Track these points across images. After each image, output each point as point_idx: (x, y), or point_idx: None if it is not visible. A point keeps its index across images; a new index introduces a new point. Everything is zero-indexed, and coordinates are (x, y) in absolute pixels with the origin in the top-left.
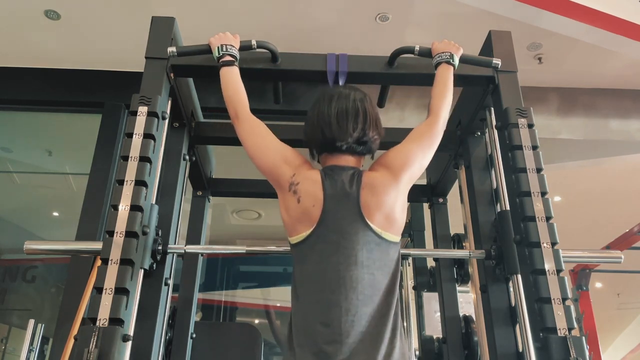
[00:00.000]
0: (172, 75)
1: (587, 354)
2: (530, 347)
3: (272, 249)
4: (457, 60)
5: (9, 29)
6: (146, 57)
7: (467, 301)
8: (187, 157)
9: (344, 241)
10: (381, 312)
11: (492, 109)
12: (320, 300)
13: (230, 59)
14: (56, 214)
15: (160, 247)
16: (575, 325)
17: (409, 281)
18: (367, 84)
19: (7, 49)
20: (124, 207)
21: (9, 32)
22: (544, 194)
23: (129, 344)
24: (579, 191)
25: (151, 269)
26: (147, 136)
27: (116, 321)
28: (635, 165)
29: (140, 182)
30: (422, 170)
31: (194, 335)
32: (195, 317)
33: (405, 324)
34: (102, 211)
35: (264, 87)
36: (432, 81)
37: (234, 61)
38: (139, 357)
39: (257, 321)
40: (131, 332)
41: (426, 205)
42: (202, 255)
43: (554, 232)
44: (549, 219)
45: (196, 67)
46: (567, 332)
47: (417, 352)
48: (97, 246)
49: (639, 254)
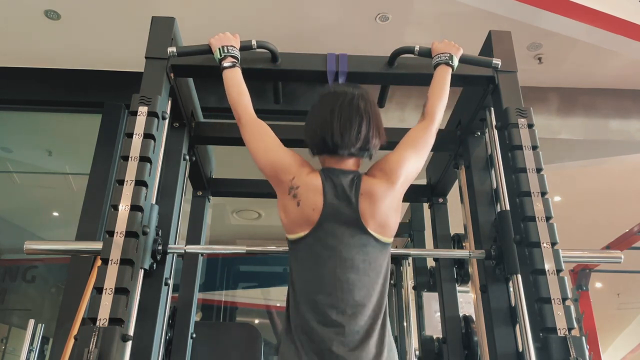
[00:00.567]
0: (172, 75)
1: (587, 354)
2: (530, 347)
3: (272, 249)
4: (456, 61)
5: (9, 29)
6: (146, 57)
7: (467, 301)
8: (187, 157)
9: (341, 245)
10: (374, 310)
11: (492, 109)
12: (317, 301)
13: (232, 60)
14: (56, 214)
15: (160, 247)
16: (575, 325)
17: (409, 281)
18: (367, 84)
19: (7, 49)
20: (124, 207)
21: (9, 32)
22: (544, 194)
23: (129, 344)
24: (579, 191)
25: (151, 269)
26: (147, 136)
27: (116, 321)
28: (635, 165)
29: (140, 182)
30: (417, 172)
31: (194, 335)
32: (195, 317)
33: (405, 324)
34: (102, 211)
35: (264, 87)
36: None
37: (236, 63)
38: (139, 357)
39: (257, 321)
40: (131, 332)
41: (426, 205)
42: (202, 255)
43: (554, 232)
44: (549, 219)
45: (196, 67)
46: (567, 332)
47: (417, 352)
48: (97, 246)
49: (639, 254)
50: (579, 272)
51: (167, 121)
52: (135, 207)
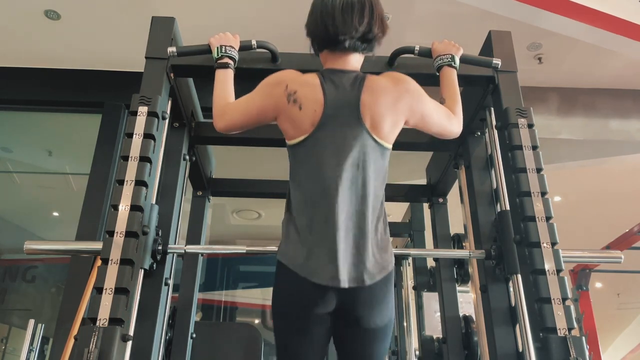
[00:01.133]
0: (172, 75)
1: (587, 354)
2: (530, 347)
3: (272, 249)
4: (458, 61)
5: (9, 29)
6: (146, 57)
7: (467, 301)
8: (187, 157)
9: (342, 144)
10: (374, 210)
11: (492, 109)
12: (317, 197)
13: (227, 61)
14: (56, 214)
15: (160, 247)
16: (575, 325)
17: (409, 281)
18: None
19: (7, 49)
20: (124, 207)
21: (9, 32)
22: (544, 194)
23: (129, 344)
24: (579, 191)
25: (151, 269)
26: (147, 136)
27: (116, 321)
28: (635, 165)
29: (140, 182)
30: (422, 122)
31: (194, 335)
32: (195, 317)
33: (405, 324)
34: (102, 211)
35: None
36: (433, 81)
37: (230, 64)
38: (139, 357)
39: (257, 321)
40: (131, 332)
41: (426, 205)
42: (202, 255)
43: (554, 232)
44: (549, 219)
45: (196, 67)
46: (567, 332)
47: (417, 352)
48: (97, 246)
49: (639, 254)
50: (579, 272)
51: (167, 121)
52: (135, 207)
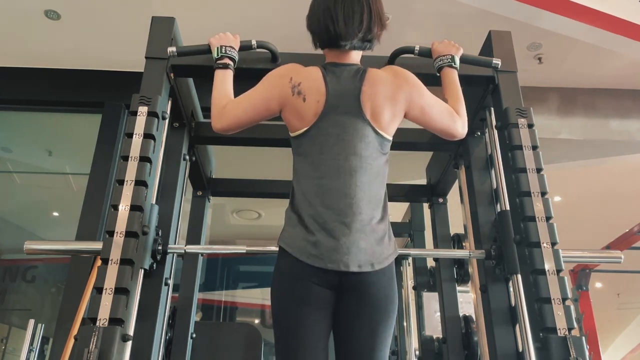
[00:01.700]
0: (172, 75)
1: (587, 354)
2: (530, 347)
3: (272, 249)
4: (458, 61)
5: (9, 29)
6: (146, 57)
7: (467, 301)
8: (187, 157)
9: (344, 134)
10: (377, 198)
11: (492, 109)
12: (321, 185)
13: (227, 61)
14: (56, 214)
15: (160, 247)
16: (575, 325)
17: (409, 281)
18: None
19: (7, 49)
20: (124, 207)
21: (9, 32)
22: (544, 194)
23: (129, 344)
24: (579, 191)
25: (151, 269)
26: (147, 136)
27: (116, 321)
28: (635, 165)
29: (140, 182)
30: (421, 116)
31: (194, 335)
32: (195, 317)
33: (405, 324)
34: (102, 211)
35: None
36: (433, 81)
37: (230, 65)
38: (139, 357)
39: (257, 321)
40: (131, 332)
41: (426, 205)
42: (202, 255)
43: (554, 232)
44: (549, 219)
45: (196, 67)
46: (567, 332)
47: (417, 352)
48: (97, 246)
49: (639, 254)
50: (579, 272)
51: (167, 121)
52: (135, 207)
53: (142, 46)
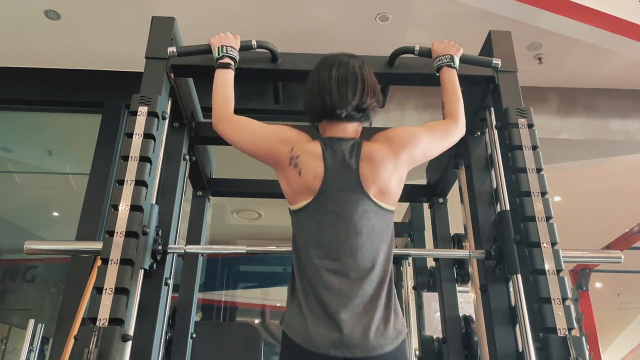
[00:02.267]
0: (172, 75)
1: (587, 354)
2: (530, 347)
3: (272, 249)
4: (457, 62)
5: (9, 29)
6: (146, 57)
7: (467, 301)
8: (187, 157)
9: (343, 211)
10: (380, 276)
11: (492, 109)
12: (321, 265)
13: (228, 61)
14: (56, 214)
15: (160, 247)
16: (575, 325)
17: (409, 281)
18: None
19: (7, 49)
20: (124, 207)
21: (9, 32)
22: (544, 194)
23: (129, 344)
24: (579, 191)
25: (151, 269)
26: (147, 136)
27: (116, 321)
28: (635, 165)
29: (140, 182)
30: (424, 157)
31: (194, 335)
32: (195, 317)
33: (405, 324)
34: (102, 211)
35: (264, 87)
36: (433, 81)
37: (231, 64)
38: (139, 357)
39: (257, 321)
40: (131, 332)
41: (426, 205)
42: (202, 255)
43: (554, 232)
44: (549, 219)
45: (196, 67)
46: (567, 332)
47: (417, 352)
48: (97, 246)
49: (639, 254)
50: (579, 272)
51: (167, 121)
52: (135, 207)
53: (142, 46)
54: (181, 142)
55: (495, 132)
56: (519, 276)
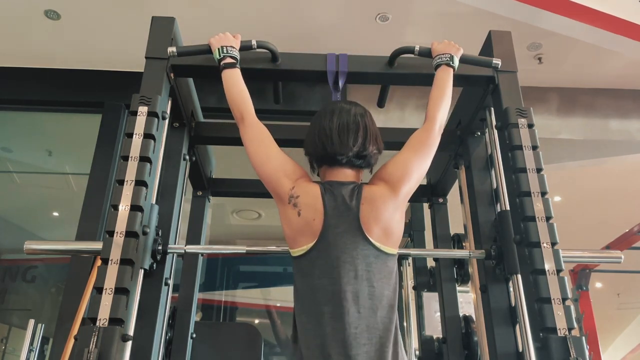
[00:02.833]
0: (172, 75)
1: (587, 354)
2: (530, 347)
3: (272, 249)
4: (457, 61)
5: (9, 29)
6: (146, 57)
7: (467, 301)
8: (187, 157)
9: (344, 255)
10: (384, 323)
11: (492, 109)
12: (322, 313)
13: (231, 60)
14: (56, 214)
15: (160, 247)
16: (575, 325)
17: (409, 281)
18: (367, 84)
19: (7, 49)
20: (124, 207)
21: (9, 32)
22: (544, 194)
23: (129, 344)
24: (579, 191)
25: (151, 269)
26: (147, 136)
27: (116, 321)
28: (635, 165)
29: (140, 182)
30: (420, 179)
31: (194, 335)
32: (195, 317)
33: (405, 324)
34: (102, 211)
35: (264, 87)
36: (433, 81)
37: (235, 63)
38: (139, 357)
39: (257, 321)
40: (131, 332)
41: (426, 205)
42: (202, 255)
43: (554, 232)
44: (549, 219)
45: (196, 67)
46: (567, 332)
47: (417, 352)
48: (97, 246)
49: (639, 254)
50: (579, 272)
51: (167, 121)
52: (135, 207)
53: (142, 46)
54: (181, 142)
55: (495, 132)
56: (519, 276)
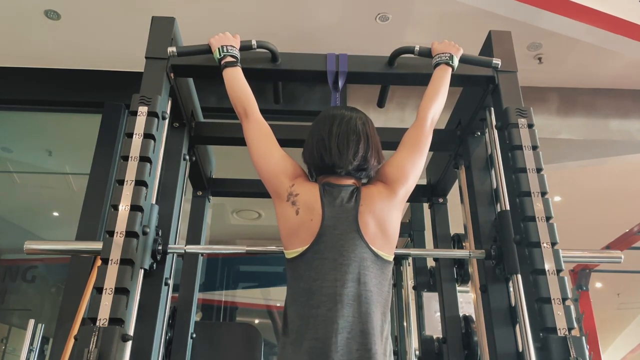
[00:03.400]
0: (172, 75)
1: (587, 354)
2: (530, 347)
3: (272, 249)
4: (456, 61)
5: (9, 29)
6: (146, 57)
7: (467, 301)
8: (187, 157)
9: (341, 258)
10: (375, 329)
11: (492, 109)
12: (315, 316)
13: (231, 59)
14: (56, 214)
15: (160, 247)
16: (575, 325)
17: (409, 281)
18: (367, 84)
19: (7, 49)
20: (124, 207)
21: (9, 32)
22: (544, 194)
23: (129, 344)
24: (579, 191)
25: (151, 269)
26: (147, 136)
27: (116, 321)
28: (635, 165)
29: (140, 182)
30: (417, 178)
31: (194, 335)
32: (195, 317)
33: (405, 324)
34: (102, 211)
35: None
36: None
37: (236, 61)
38: (139, 357)
39: (257, 321)
40: (131, 332)
41: (426, 205)
42: (202, 255)
43: (554, 232)
44: (549, 219)
45: (196, 67)
46: (567, 332)
47: (417, 352)
48: (97, 246)
49: (639, 254)
50: (579, 272)
51: (167, 121)
52: (135, 207)
53: (142, 46)
54: (181, 142)
55: (495, 132)
56: (519, 276)
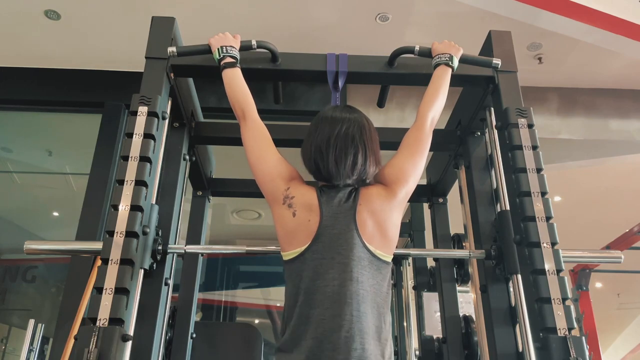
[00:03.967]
0: (172, 75)
1: (587, 354)
2: (530, 347)
3: (272, 249)
4: (456, 62)
5: (9, 29)
6: (146, 57)
7: (467, 301)
8: (187, 157)
9: (339, 257)
10: (374, 328)
11: (492, 109)
12: (314, 315)
13: (231, 60)
14: (56, 214)
15: (160, 247)
16: (575, 325)
17: (409, 281)
18: (367, 84)
19: (7, 49)
20: (124, 207)
21: (9, 32)
22: (544, 194)
23: (129, 344)
24: (579, 191)
25: (151, 269)
26: (147, 136)
27: (116, 321)
28: (635, 165)
29: (140, 182)
30: (418, 179)
31: (194, 335)
32: (195, 317)
33: (405, 324)
34: (102, 211)
35: (264, 87)
36: None
37: (235, 62)
38: (139, 357)
39: (257, 321)
40: (131, 332)
41: (426, 205)
42: (202, 255)
43: (554, 232)
44: (549, 219)
45: (196, 67)
46: (567, 332)
47: (417, 352)
48: (97, 246)
49: (639, 254)
50: (579, 272)
51: (167, 121)
52: (135, 207)
53: (142, 46)
54: (181, 142)
55: (495, 132)
56: (519, 276)
